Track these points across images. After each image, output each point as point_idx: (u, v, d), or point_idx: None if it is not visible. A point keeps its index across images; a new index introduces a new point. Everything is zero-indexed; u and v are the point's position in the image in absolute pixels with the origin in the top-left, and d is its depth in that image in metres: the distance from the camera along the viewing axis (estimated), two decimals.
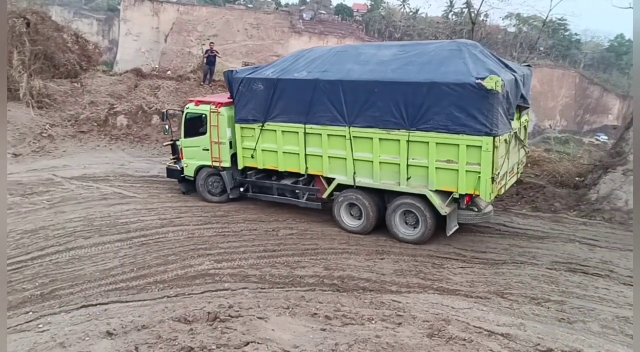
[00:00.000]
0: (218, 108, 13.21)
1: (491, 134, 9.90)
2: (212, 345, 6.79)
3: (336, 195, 12.08)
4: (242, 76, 12.52)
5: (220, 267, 9.90)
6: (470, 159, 10.21)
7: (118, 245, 10.86)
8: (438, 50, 11.02)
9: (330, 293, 8.93)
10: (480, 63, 10.38)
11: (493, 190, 10.27)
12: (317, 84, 11.51)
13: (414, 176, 10.85)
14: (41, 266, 9.91)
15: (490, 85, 9.62)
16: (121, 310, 8.27)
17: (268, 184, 13.17)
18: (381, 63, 11.32)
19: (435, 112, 10.28)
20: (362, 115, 11.12)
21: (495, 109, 9.83)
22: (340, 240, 11.40)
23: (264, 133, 12.47)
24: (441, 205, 10.68)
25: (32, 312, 8.36)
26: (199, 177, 13.96)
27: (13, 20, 20.82)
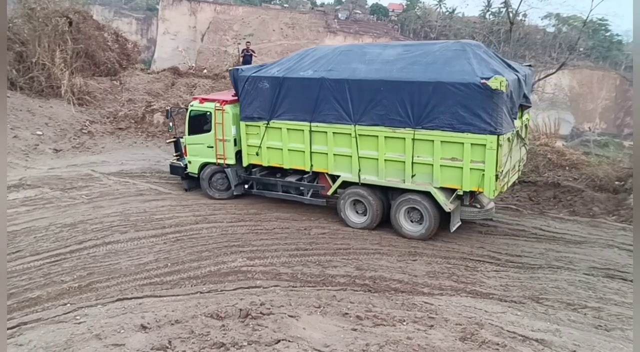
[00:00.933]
0: (223, 106, 13.32)
1: (495, 133, 10.11)
2: (244, 342, 6.85)
3: (341, 192, 12.24)
4: (248, 75, 12.66)
5: (253, 265, 9.97)
6: (474, 157, 10.40)
7: (153, 240, 11.04)
8: (443, 51, 11.18)
9: (362, 293, 8.91)
10: (484, 63, 10.55)
11: (497, 187, 10.48)
12: (323, 83, 11.67)
13: (419, 173, 11.04)
14: (79, 259, 10.16)
15: (495, 85, 9.80)
16: (155, 304, 8.41)
17: (273, 181, 13.31)
18: (386, 62, 11.49)
19: (440, 111, 10.49)
20: (368, 114, 11.31)
21: (500, 109, 10.04)
22: (372, 240, 11.35)
23: (269, 131, 12.61)
24: (445, 202, 10.88)
25: (70, 304, 8.56)
26: (203, 174, 14.05)
27: (56, 19, 21.38)
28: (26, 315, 8.28)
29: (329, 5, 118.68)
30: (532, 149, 15.81)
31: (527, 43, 42.17)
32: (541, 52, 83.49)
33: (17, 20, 21.43)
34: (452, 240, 11.58)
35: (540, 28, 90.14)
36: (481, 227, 12.41)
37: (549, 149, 15.81)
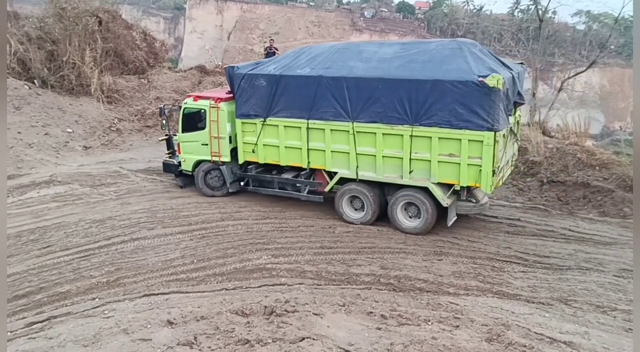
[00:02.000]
0: (218, 103, 13.29)
1: (492, 129, 10.31)
2: (268, 339, 6.88)
3: (338, 188, 12.31)
4: (244, 72, 12.66)
5: (278, 262, 10.01)
6: (471, 153, 10.61)
7: (179, 237, 11.16)
8: (439, 49, 11.35)
9: (387, 292, 8.88)
10: (480, 61, 10.78)
11: (493, 182, 10.70)
12: (321, 80, 11.73)
13: (417, 169, 11.21)
14: (107, 254, 10.33)
15: (492, 83, 10.03)
16: (181, 300, 8.51)
17: (269, 178, 13.36)
18: (384, 60, 11.60)
19: (438, 109, 10.66)
20: (366, 111, 11.42)
21: (497, 106, 10.25)
22: (397, 239, 11.29)
23: (266, 128, 12.66)
24: (443, 197, 11.06)
25: (99, 298, 8.71)
26: (198, 171, 14.03)
27: (86, 19, 21.73)
28: (56, 309, 8.45)
29: (355, 4, 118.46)
30: (562, 148, 15.56)
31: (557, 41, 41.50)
32: (571, 50, 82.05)
33: (48, 19, 21.83)
34: (478, 240, 11.46)
35: (570, 25, 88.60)
36: (508, 227, 12.25)
37: (579, 149, 15.51)
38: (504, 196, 14.57)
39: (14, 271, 9.70)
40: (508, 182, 15.26)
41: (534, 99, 22.71)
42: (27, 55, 20.32)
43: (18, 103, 18.55)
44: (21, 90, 19.32)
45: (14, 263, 9.99)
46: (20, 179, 14.57)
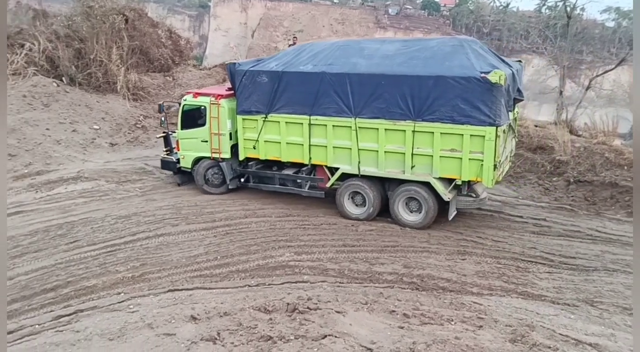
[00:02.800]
0: (218, 100, 13.26)
1: (494, 125, 10.52)
2: (291, 336, 6.91)
3: (339, 184, 12.39)
4: (246, 69, 12.68)
5: (300, 260, 10.04)
6: (473, 148, 10.79)
7: (203, 233, 11.26)
8: (440, 46, 11.59)
9: (409, 291, 8.84)
10: (482, 58, 11.01)
11: (494, 176, 10.90)
12: (324, 77, 11.82)
13: (419, 164, 11.36)
14: (132, 249, 10.48)
15: (494, 79, 10.23)
16: (205, 296, 8.59)
17: (270, 174, 13.39)
18: (386, 57, 11.75)
19: (441, 104, 10.83)
20: (369, 107, 11.54)
21: (499, 101, 10.46)
22: (421, 238, 11.23)
23: (267, 124, 12.70)
24: (444, 191, 11.26)
25: (124, 293, 8.84)
26: (198, 168, 13.98)
27: (113, 17, 21.99)
28: (83, 303, 8.60)
29: (379, 1, 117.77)
30: (589, 147, 15.30)
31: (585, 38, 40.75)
32: (600, 47, 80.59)
33: (76, 18, 22.14)
34: (502, 240, 11.34)
35: (599, 22, 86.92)
36: (534, 227, 12.10)
37: (607, 148, 15.23)
38: (529, 195, 14.40)
39: (42, 264, 9.91)
40: (534, 181, 15.09)
41: (561, 97, 22.40)
42: (55, 53, 20.65)
43: (47, 100, 18.87)
44: (49, 87, 19.65)
45: (43, 257, 10.20)
46: (49, 175, 14.83)
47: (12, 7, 23.35)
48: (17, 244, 10.78)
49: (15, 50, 20.09)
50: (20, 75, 19.62)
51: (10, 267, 9.86)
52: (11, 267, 9.89)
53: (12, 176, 14.46)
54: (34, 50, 20.28)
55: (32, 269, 9.79)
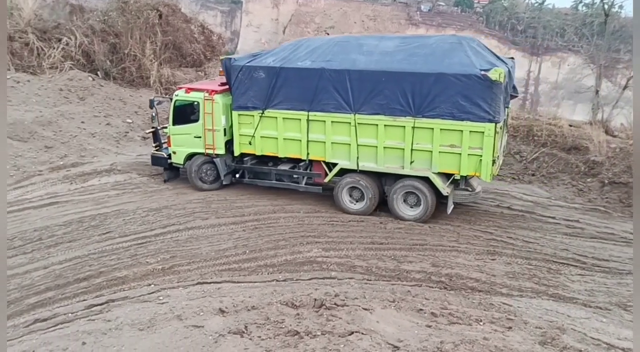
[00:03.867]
0: (212, 95, 13.11)
1: (494, 121, 10.73)
2: (317, 331, 6.92)
3: (337, 179, 12.48)
4: (242, 64, 12.61)
5: (328, 256, 10.04)
6: (472, 144, 11.00)
7: (232, 227, 11.36)
8: (439, 43, 11.78)
9: (437, 290, 8.77)
10: (480, 56, 11.20)
11: (493, 171, 11.17)
12: (323, 73, 11.84)
13: (418, 159, 11.53)
14: (163, 242, 10.62)
15: (494, 77, 10.45)
16: (233, 290, 8.67)
17: (266, 170, 13.36)
18: (385, 54, 11.86)
19: (441, 101, 11.01)
20: (369, 103, 11.63)
21: (498, 98, 10.67)
22: (450, 237, 11.13)
23: (264, 120, 12.66)
24: (443, 186, 11.46)
25: (154, 284, 8.98)
26: (192, 164, 13.80)
27: (147, 12, 22.36)
28: (114, 293, 8.76)
29: None
30: (625, 148, 14.95)
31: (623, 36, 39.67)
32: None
33: (111, 13, 22.57)
34: (534, 241, 11.16)
35: None
36: (566, 229, 11.88)
37: None
38: (562, 196, 14.14)
39: (76, 254, 10.13)
40: (567, 182, 14.83)
41: (597, 97, 21.92)
42: (91, 47, 21.08)
43: (82, 94, 19.26)
44: (85, 81, 20.05)
45: (76, 247, 10.43)
46: (83, 167, 15.14)
47: (50, 1, 23.88)
48: (52, 234, 11.04)
49: (52, 45, 20.56)
50: (57, 69, 20.08)
51: (45, 257, 10.12)
52: (46, 256, 10.14)
53: (48, 168, 14.81)
54: (70, 44, 20.75)
55: (66, 258, 10.02)
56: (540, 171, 15.48)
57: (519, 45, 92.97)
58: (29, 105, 17.78)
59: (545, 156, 16.15)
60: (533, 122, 18.10)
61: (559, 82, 79.40)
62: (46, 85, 19.08)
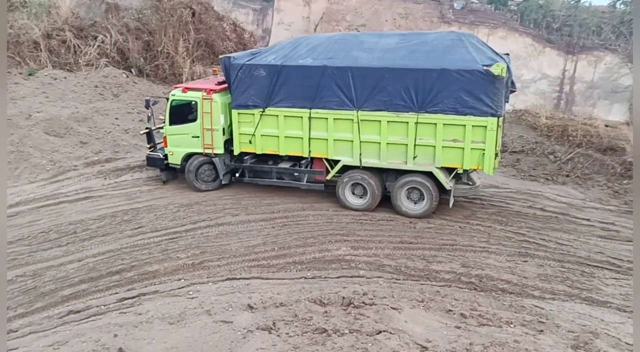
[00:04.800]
0: (210, 95, 12.89)
1: (496, 115, 10.93)
2: (345, 329, 6.91)
3: (339, 176, 12.47)
4: (242, 62, 12.49)
5: (357, 254, 10.02)
6: (475, 138, 11.14)
7: (262, 224, 11.42)
8: (439, 40, 11.87)
9: (467, 291, 8.68)
10: (481, 52, 11.30)
11: (495, 164, 11.37)
12: (325, 70, 11.85)
13: (421, 154, 11.63)
14: (193, 237, 10.75)
15: (497, 72, 10.62)
16: (262, 286, 8.72)
17: (267, 168, 13.26)
18: (387, 51, 11.93)
19: (444, 96, 11.14)
20: (372, 100, 11.69)
21: (500, 93, 10.90)
22: (480, 238, 10.98)
23: (265, 118, 12.57)
24: (446, 180, 11.57)
25: (184, 279, 9.10)
26: (190, 165, 13.48)
27: (181, 10, 22.61)
28: (145, 287, 8.91)
29: None
30: None
31: None
32: None
33: (146, 11, 22.93)
34: (567, 243, 10.93)
35: None
36: (601, 231, 11.60)
37: None
38: (597, 198, 13.82)
39: (109, 248, 10.33)
40: (602, 184, 14.51)
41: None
42: (125, 45, 21.44)
43: (116, 91, 19.60)
44: (119, 78, 20.40)
45: (109, 241, 10.64)
46: (117, 163, 15.41)
47: (87, 0, 24.35)
48: (86, 227, 11.27)
49: (88, 42, 20.98)
50: (93, 66, 20.48)
51: (79, 250, 10.35)
52: (80, 249, 10.37)
53: (83, 163, 15.12)
54: (106, 42, 21.14)
55: (100, 252, 10.22)
56: (574, 172, 15.15)
57: (554, 43, 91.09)
58: (65, 101, 18.18)
59: (580, 157, 15.81)
60: (568, 122, 17.75)
61: (594, 82, 77.57)
62: (82, 82, 19.48)
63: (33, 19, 20.66)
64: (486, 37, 66.89)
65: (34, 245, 10.63)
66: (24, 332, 7.89)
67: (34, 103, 17.20)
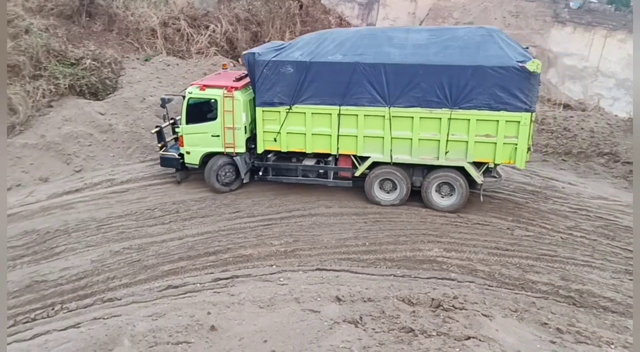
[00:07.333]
0: (232, 92, 12.41)
1: (530, 110, 11.05)
2: (432, 331, 6.82)
3: (368, 172, 12.35)
4: (268, 59, 12.10)
5: (449, 257, 9.81)
6: (508, 133, 11.25)
7: (354, 218, 11.46)
8: (470, 35, 11.84)
9: (565, 305, 8.25)
10: (511, 47, 11.36)
11: (528, 158, 11.43)
12: (357, 67, 11.69)
13: (453, 150, 11.67)
14: (287, 225, 11.00)
15: (532, 68, 10.72)
16: (351, 279, 8.77)
17: (292, 166, 12.91)
18: (419, 46, 11.89)
19: (478, 93, 11.19)
20: (405, 96, 11.62)
21: (535, 89, 11.01)
22: (584, 251, 10.35)
23: (291, 116, 12.27)
24: (477, 175, 11.64)
25: (276, 266, 9.34)
26: (212, 165, 12.88)
27: (289, 2, 23.05)
28: (239, 269, 9.25)
29: None
30: None
31: None
32: None
33: (256, 2, 23.57)
34: None
35: None
36: None
37: None
38: None
39: (207, 229, 10.82)
40: None
41: None
42: (234, 35, 22.16)
43: None
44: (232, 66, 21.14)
45: (209, 222, 11.14)
46: None
47: None
48: (188, 208, 11.86)
49: (200, 31, 21.89)
50: (203, 54, 21.37)
51: (180, 229, 10.92)
52: (181, 228, 10.94)
53: None
54: (216, 31, 21.93)
55: (199, 232, 10.71)
56: None
57: None
58: (176, 87, 19.11)
59: None
60: None
61: None
62: (192, 69, 20.37)
63: (152, 8, 21.87)
64: (603, 39, 62.71)
65: (141, 220, 11.32)
66: (127, 301, 8.46)
67: (148, 87, 18.22)
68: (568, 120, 17.51)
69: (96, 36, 19.89)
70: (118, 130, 15.66)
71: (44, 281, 9.21)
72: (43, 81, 16.10)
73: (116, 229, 10.98)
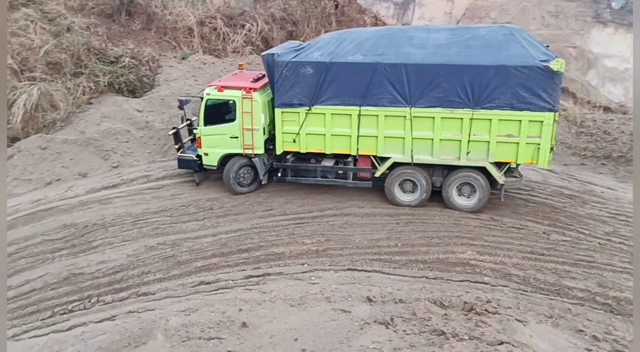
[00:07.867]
0: (250, 93, 12.32)
1: (553, 110, 10.96)
2: (464, 335, 6.74)
3: (389, 173, 12.25)
4: (287, 60, 11.95)
5: (482, 260, 9.67)
6: (531, 133, 11.15)
7: (387, 219, 11.41)
8: (491, 34, 11.75)
9: (602, 313, 8.05)
10: (533, 47, 11.24)
11: (550, 158, 11.30)
12: (378, 67, 11.58)
13: (474, 150, 11.56)
14: (319, 224, 11.03)
15: (556, 68, 10.63)
16: (382, 280, 8.74)
17: (312, 167, 12.79)
18: (440, 46, 11.79)
19: (501, 92, 11.09)
20: (426, 97, 11.54)
21: (558, 88, 10.91)
22: (622, 257, 10.08)
23: (311, 117, 12.17)
24: (499, 175, 11.60)
25: (307, 264, 9.37)
26: (232, 166, 12.80)
27: (325, 2, 23.09)
28: (271, 267, 9.31)
29: None
30: None
31: None
32: None
33: (292, 1, 23.67)
34: None
35: None
36: None
37: None
38: None
39: (240, 227, 10.92)
40: None
41: None
42: (270, 34, 22.31)
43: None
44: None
45: (242, 220, 11.26)
46: None
47: None
48: (222, 205, 12.01)
49: (236, 30, 22.11)
50: (239, 53, 21.58)
51: (214, 225, 11.07)
52: (215, 225, 11.08)
53: None
54: (252, 30, 22.11)
55: (232, 229, 10.83)
56: None
57: None
58: None
59: None
60: None
61: None
62: (227, 68, 20.58)
63: (189, 7, 22.18)
64: None
65: (175, 217, 11.51)
66: (161, 296, 8.61)
67: (185, 85, 18.47)
68: (608, 123, 17.08)
69: (135, 35, 20.28)
70: (154, 127, 15.93)
71: (81, 274, 9.45)
72: (83, 78, 16.53)
73: (151, 224, 11.18)
